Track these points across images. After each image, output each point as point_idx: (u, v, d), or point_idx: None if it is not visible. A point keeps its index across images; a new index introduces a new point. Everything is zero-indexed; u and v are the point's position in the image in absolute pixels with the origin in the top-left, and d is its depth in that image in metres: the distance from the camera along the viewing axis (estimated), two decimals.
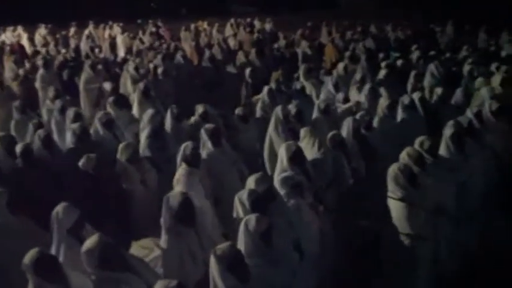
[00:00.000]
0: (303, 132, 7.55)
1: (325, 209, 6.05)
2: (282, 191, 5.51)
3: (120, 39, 19.92)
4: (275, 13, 27.82)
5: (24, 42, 20.55)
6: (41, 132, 7.80)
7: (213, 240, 5.23)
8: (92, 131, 8.19)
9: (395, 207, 5.79)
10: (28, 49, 19.30)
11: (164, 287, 3.80)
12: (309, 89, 11.43)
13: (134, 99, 10.63)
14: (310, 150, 7.19)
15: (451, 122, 7.18)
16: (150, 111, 8.42)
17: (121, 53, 18.78)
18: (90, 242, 4.44)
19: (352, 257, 6.26)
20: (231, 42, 18.64)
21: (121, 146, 7.13)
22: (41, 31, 22.40)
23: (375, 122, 8.40)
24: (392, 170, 5.84)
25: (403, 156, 6.23)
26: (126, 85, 12.50)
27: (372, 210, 6.54)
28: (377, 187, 6.50)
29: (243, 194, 5.22)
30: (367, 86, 10.16)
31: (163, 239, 5.20)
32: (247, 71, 12.19)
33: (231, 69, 14.39)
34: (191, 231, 5.10)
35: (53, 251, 5.03)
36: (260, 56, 14.88)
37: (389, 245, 5.96)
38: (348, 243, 6.40)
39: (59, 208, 5.12)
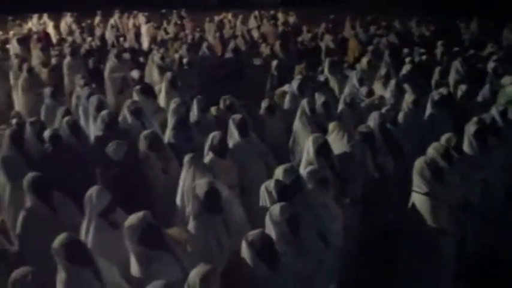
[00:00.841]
0: (331, 125, 7.55)
1: (351, 203, 6.11)
2: (308, 185, 5.57)
3: (144, 29, 20.01)
4: (296, 6, 27.68)
5: (50, 30, 20.72)
6: (68, 118, 7.92)
7: (240, 229, 5.30)
8: (120, 118, 8.30)
9: (419, 201, 5.83)
10: (54, 37, 19.48)
11: (203, 272, 3.87)
12: (333, 83, 11.46)
13: (161, 88, 10.74)
14: (339, 144, 7.19)
15: (474, 119, 7.21)
16: (175, 101, 8.50)
17: (145, 42, 18.89)
18: (135, 217, 4.55)
19: (374, 251, 6.32)
20: (255, 34, 18.67)
21: (142, 134, 7.21)
22: (67, 19, 22.57)
23: (400, 118, 8.42)
24: (419, 163, 5.87)
25: (430, 151, 6.26)
26: (152, 74, 12.60)
27: (396, 206, 6.59)
28: (401, 182, 6.56)
29: (270, 184, 5.31)
30: (392, 82, 10.17)
31: (190, 224, 5.29)
32: (274, 63, 12.23)
33: (254, 61, 14.41)
34: (218, 219, 5.18)
35: (82, 234, 5.13)
36: (284, 49, 14.91)
37: (411, 239, 6.01)
38: (371, 237, 6.45)
39: (92, 191, 5.22)
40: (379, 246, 6.29)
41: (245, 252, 4.32)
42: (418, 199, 5.85)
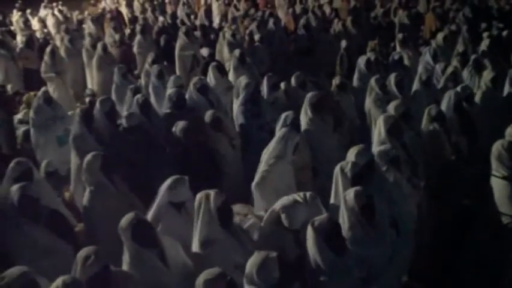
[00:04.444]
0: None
1: (424, 185, 5.88)
2: (379, 165, 5.38)
3: (215, 6, 20.02)
4: None
5: (123, 9, 21.01)
6: (139, 96, 7.95)
7: None
8: (187, 96, 8.28)
9: (498, 186, 5.54)
10: (126, 16, 19.76)
11: (260, 261, 3.79)
12: (406, 60, 11.10)
13: (230, 65, 10.69)
14: None
15: None
16: (244, 78, 8.43)
17: (216, 19, 18.89)
18: (211, 194, 4.57)
19: (446, 238, 6.07)
20: (326, 10, 18.34)
21: (206, 113, 7.19)
22: None
23: (477, 96, 8.05)
24: (496, 147, 5.58)
25: (510, 132, 5.95)
26: (223, 52, 12.57)
27: (471, 188, 6.31)
28: (476, 163, 6.27)
29: (346, 166, 5.13)
30: (471, 58, 9.72)
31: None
32: (343, 44, 11.86)
33: (325, 37, 14.14)
34: None
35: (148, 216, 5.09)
36: (356, 25, 14.57)
37: (488, 227, 5.72)
38: (443, 223, 6.20)
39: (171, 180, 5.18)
40: (452, 233, 6.02)
41: (310, 237, 4.19)
42: (496, 184, 5.55)
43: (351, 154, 5.37)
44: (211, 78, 9.27)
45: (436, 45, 11.64)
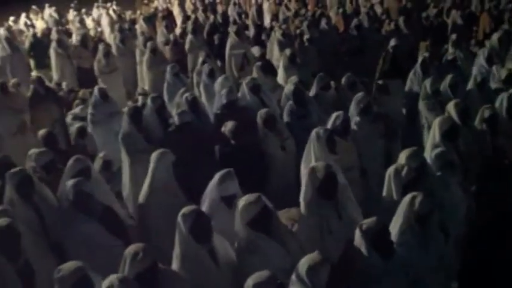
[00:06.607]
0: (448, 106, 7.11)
1: (476, 189, 5.78)
2: (432, 168, 5.31)
3: (266, 6, 20.07)
4: None
5: (175, 8, 21.25)
6: (188, 95, 8.01)
7: (353, 215, 5.12)
8: (239, 95, 8.32)
9: None
10: (179, 15, 19.98)
11: (312, 262, 3.75)
12: (459, 61, 10.90)
13: (280, 65, 10.70)
14: None
15: None
16: (292, 78, 8.42)
17: (267, 19, 18.95)
18: (249, 198, 4.48)
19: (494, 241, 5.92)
20: (378, 10, 18.17)
21: (259, 112, 7.18)
22: None
23: None
24: None
25: None
26: (273, 51, 12.60)
27: None
28: None
29: (402, 170, 5.09)
30: None
31: (302, 207, 5.19)
32: (392, 42, 11.71)
33: (376, 37, 14.01)
34: (331, 205, 5.01)
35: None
36: (408, 25, 14.38)
37: None
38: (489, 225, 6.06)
39: (219, 175, 5.21)
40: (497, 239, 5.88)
41: (358, 240, 4.17)
42: None
43: (402, 157, 5.32)
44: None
45: (491, 46, 11.38)
